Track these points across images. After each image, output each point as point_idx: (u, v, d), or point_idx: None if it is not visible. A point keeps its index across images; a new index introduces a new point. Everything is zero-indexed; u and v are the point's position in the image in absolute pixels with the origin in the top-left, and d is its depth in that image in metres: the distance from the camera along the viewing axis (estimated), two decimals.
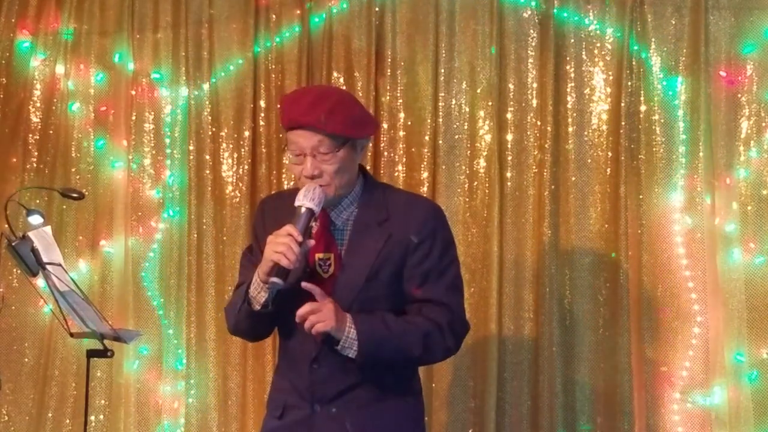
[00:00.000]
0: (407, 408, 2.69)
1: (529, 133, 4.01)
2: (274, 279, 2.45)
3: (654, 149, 3.92)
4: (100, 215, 4.36)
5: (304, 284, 2.50)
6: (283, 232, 2.46)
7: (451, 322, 2.59)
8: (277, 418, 2.68)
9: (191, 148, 4.28)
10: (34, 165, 4.44)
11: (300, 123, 2.54)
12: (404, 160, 4.10)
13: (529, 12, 4.02)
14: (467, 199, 4.04)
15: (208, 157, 4.28)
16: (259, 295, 2.55)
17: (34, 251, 3.42)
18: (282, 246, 2.44)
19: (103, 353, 3.51)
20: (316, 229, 2.60)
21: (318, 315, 2.46)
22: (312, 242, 2.51)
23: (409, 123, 4.10)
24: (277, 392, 2.74)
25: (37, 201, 4.32)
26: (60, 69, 4.44)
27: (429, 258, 2.59)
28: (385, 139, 4.12)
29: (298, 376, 2.64)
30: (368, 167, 4.06)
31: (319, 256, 2.61)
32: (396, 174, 4.09)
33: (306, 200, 2.50)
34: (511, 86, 4.04)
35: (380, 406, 2.61)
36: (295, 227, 2.46)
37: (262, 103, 4.25)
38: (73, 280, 3.51)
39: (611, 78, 3.96)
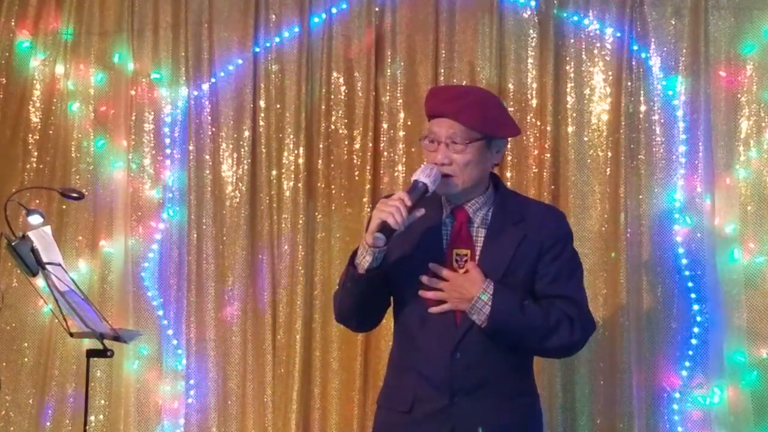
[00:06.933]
0: (535, 407, 2.73)
1: (529, 133, 4.01)
2: (378, 234, 2.50)
3: (654, 149, 3.93)
4: (100, 215, 4.36)
5: (431, 265, 2.59)
6: (395, 197, 2.53)
7: (580, 316, 2.64)
8: (406, 413, 2.64)
9: (191, 148, 4.28)
10: (34, 165, 4.44)
11: (440, 111, 2.62)
12: (404, 160, 4.10)
13: (529, 12, 4.02)
14: None
15: (208, 157, 4.28)
16: (364, 259, 2.57)
17: (34, 251, 3.42)
18: (392, 207, 2.50)
19: (103, 353, 3.51)
20: (455, 226, 2.67)
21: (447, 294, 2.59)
22: (422, 211, 2.56)
23: (409, 123, 4.10)
24: (399, 388, 2.69)
25: (37, 201, 4.32)
26: (60, 69, 4.44)
27: (560, 258, 2.65)
28: (385, 139, 4.13)
29: (431, 368, 2.61)
30: (368, 167, 4.09)
31: (456, 251, 2.66)
32: (396, 174, 4.09)
33: (422, 176, 2.57)
34: (511, 86, 4.04)
35: (514, 403, 2.64)
36: (408, 195, 2.53)
37: (262, 103, 4.25)
38: (72, 280, 3.51)
39: (611, 78, 3.96)
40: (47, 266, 3.44)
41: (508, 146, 3.98)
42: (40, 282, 3.68)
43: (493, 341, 2.58)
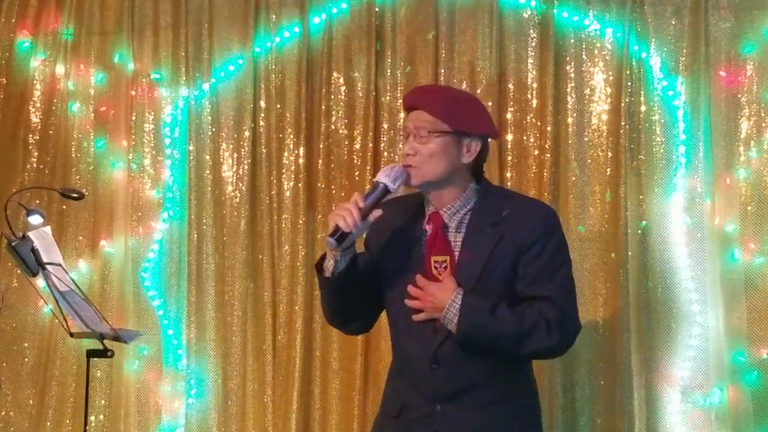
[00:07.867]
0: (526, 410, 2.68)
1: (529, 133, 4.01)
2: (329, 239, 2.51)
3: (654, 149, 3.92)
4: (100, 215, 4.36)
5: (418, 278, 2.57)
6: (351, 199, 2.56)
7: (559, 319, 2.55)
8: (394, 417, 2.66)
9: (191, 148, 4.28)
10: (34, 165, 4.44)
11: (410, 103, 2.67)
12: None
13: (529, 12, 4.02)
14: None
15: (208, 157, 4.28)
16: (328, 263, 2.61)
17: (34, 251, 3.42)
18: (344, 210, 2.54)
19: (103, 353, 3.51)
20: (431, 232, 2.63)
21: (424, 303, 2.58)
22: (378, 212, 2.56)
23: None
24: (394, 392, 2.71)
25: (37, 201, 4.31)
26: (60, 69, 4.44)
27: (541, 257, 2.58)
28: (385, 139, 4.13)
29: (416, 376, 2.62)
30: (368, 167, 4.08)
31: (435, 258, 2.62)
32: None
33: (382, 176, 2.60)
34: (511, 86, 4.04)
35: (501, 407, 2.60)
36: (363, 196, 2.56)
37: (262, 103, 4.26)
38: (73, 280, 3.52)
39: (611, 78, 3.96)
40: (47, 266, 3.44)
41: (508, 146, 4.03)
42: (40, 282, 3.69)
43: (468, 348, 2.55)
